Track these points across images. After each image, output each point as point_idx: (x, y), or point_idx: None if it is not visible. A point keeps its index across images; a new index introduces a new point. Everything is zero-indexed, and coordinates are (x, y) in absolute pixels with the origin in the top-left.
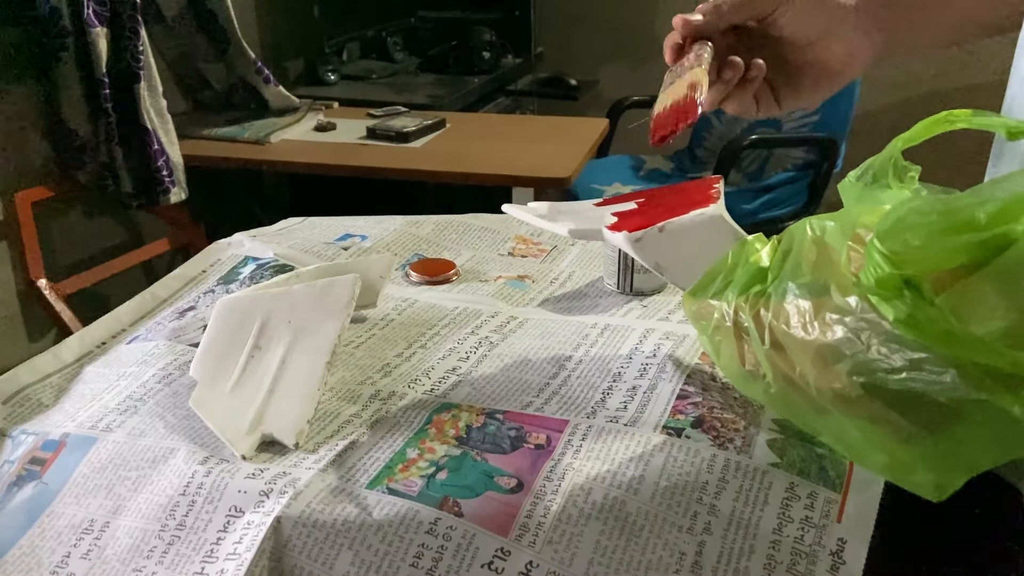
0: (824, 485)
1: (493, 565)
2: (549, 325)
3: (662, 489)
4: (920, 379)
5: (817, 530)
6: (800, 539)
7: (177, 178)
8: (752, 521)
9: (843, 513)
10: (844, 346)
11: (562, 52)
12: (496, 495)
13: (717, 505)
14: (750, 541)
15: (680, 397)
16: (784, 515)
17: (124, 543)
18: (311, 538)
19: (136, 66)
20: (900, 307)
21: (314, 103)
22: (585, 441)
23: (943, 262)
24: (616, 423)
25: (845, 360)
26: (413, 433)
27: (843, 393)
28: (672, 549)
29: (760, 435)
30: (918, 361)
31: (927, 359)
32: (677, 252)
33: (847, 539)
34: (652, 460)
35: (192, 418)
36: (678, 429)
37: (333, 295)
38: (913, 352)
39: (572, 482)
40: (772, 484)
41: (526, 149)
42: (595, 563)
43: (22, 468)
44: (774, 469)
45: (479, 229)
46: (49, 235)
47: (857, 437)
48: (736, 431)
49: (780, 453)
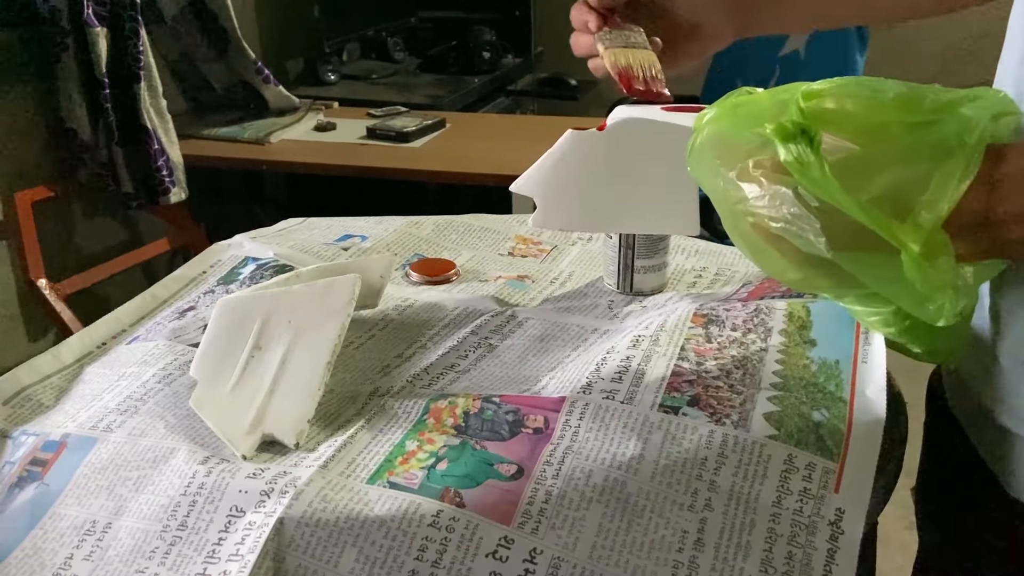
0: (822, 455)
1: (497, 554)
2: (549, 327)
3: (662, 468)
4: (790, 231)
5: (816, 501)
6: (799, 511)
7: (177, 178)
8: (752, 495)
9: (840, 483)
10: (748, 191)
11: (562, 52)
12: (497, 483)
13: (717, 481)
14: (751, 515)
15: (675, 374)
16: (783, 487)
17: (126, 544)
18: (314, 537)
19: (136, 66)
20: (792, 149)
21: (314, 103)
22: (583, 421)
23: (865, 134)
24: (612, 399)
25: (743, 202)
26: (411, 425)
27: (740, 227)
28: (674, 527)
29: (757, 408)
30: (796, 215)
31: (802, 216)
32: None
33: (845, 509)
34: (650, 439)
35: (192, 418)
36: (675, 407)
37: (333, 295)
38: (792, 207)
39: (572, 465)
40: (771, 457)
41: (526, 149)
42: (599, 546)
43: (23, 469)
44: (772, 441)
45: (479, 229)
46: (49, 235)
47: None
48: (732, 407)
49: (777, 425)
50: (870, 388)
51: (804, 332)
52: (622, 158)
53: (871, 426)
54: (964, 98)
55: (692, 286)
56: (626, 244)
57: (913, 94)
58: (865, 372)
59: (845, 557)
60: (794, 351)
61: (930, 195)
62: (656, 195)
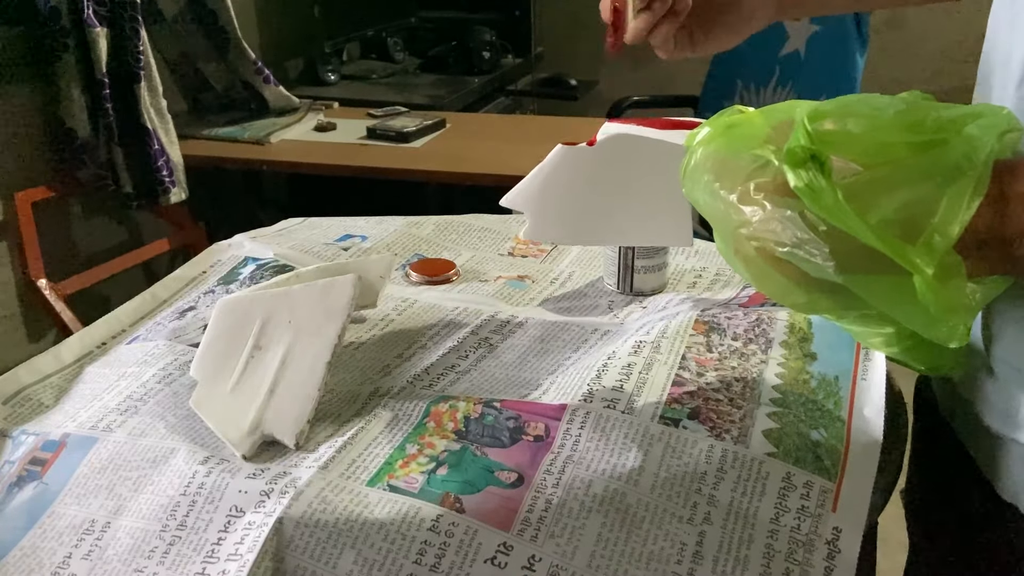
0: (819, 474)
1: (496, 560)
2: (549, 327)
3: (661, 480)
4: (797, 256)
5: (813, 519)
6: (797, 528)
7: (177, 178)
8: (750, 511)
9: (838, 502)
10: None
11: (562, 52)
12: (497, 490)
13: (716, 495)
14: (749, 530)
15: (676, 384)
16: (781, 504)
17: (125, 543)
18: (313, 538)
19: (136, 66)
20: (802, 175)
21: (314, 103)
22: (584, 431)
23: (870, 155)
24: (613, 408)
25: (746, 225)
26: (412, 428)
27: (743, 251)
28: (673, 540)
29: (756, 425)
30: (803, 239)
31: (810, 240)
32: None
33: (842, 528)
34: (651, 451)
35: (192, 418)
36: (675, 419)
37: (333, 295)
38: (800, 231)
39: (572, 475)
40: (769, 474)
41: (526, 149)
42: (597, 555)
43: (23, 468)
44: (770, 459)
45: (479, 229)
46: (49, 235)
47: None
48: (732, 422)
49: (776, 442)
50: (868, 408)
51: (805, 345)
52: (612, 172)
53: (868, 447)
54: (968, 116)
55: (692, 286)
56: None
57: (913, 111)
58: (864, 390)
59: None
60: (794, 364)
61: (941, 217)
62: (648, 208)
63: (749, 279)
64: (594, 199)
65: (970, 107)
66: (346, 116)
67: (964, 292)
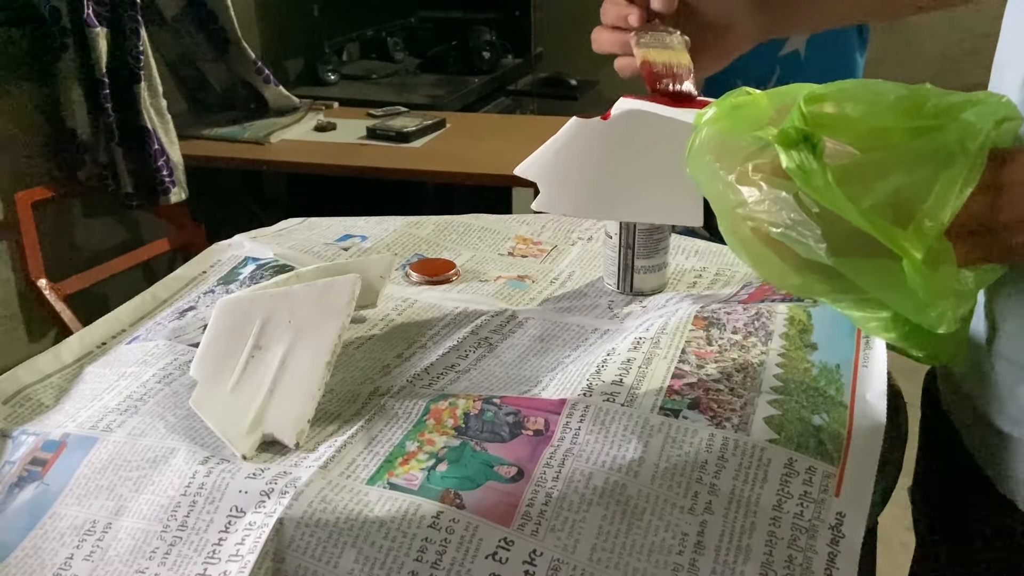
0: (822, 459)
1: (497, 556)
2: (549, 327)
3: (662, 471)
4: (790, 237)
5: (816, 505)
6: (800, 514)
7: (177, 178)
8: (752, 499)
9: (841, 487)
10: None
11: (562, 52)
12: (497, 485)
13: (717, 484)
14: (751, 519)
15: (676, 376)
16: (783, 491)
17: (126, 544)
18: (314, 537)
19: (136, 66)
20: (794, 156)
21: (314, 103)
22: (583, 424)
23: (866, 139)
24: (613, 402)
25: (743, 206)
26: (411, 425)
27: (740, 232)
28: (674, 530)
29: (757, 412)
30: (796, 221)
31: (803, 221)
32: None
33: (846, 512)
34: (651, 442)
35: (192, 418)
36: (675, 410)
37: (333, 295)
38: (794, 212)
39: (572, 468)
40: (771, 461)
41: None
42: (598, 548)
43: (23, 469)
44: (772, 445)
45: (479, 229)
46: (49, 235)
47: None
48: (733, 410)
49: (778, 429)
50: (870, 393)
51: (805, 336)
52: (626, 147)
53: (871, 431)
54: (966, 102)
55: (692, 286)
56: (626, 244)
57: (913, 97)
58: (866, 376)
59: (846, 561)
60: (795, 355)
61: (932, 202)
62: (659, 185)
63: (746, 260)
64: (606, 173)
65: (970, 94)
66: (346, 116)
67: (954, 278)
